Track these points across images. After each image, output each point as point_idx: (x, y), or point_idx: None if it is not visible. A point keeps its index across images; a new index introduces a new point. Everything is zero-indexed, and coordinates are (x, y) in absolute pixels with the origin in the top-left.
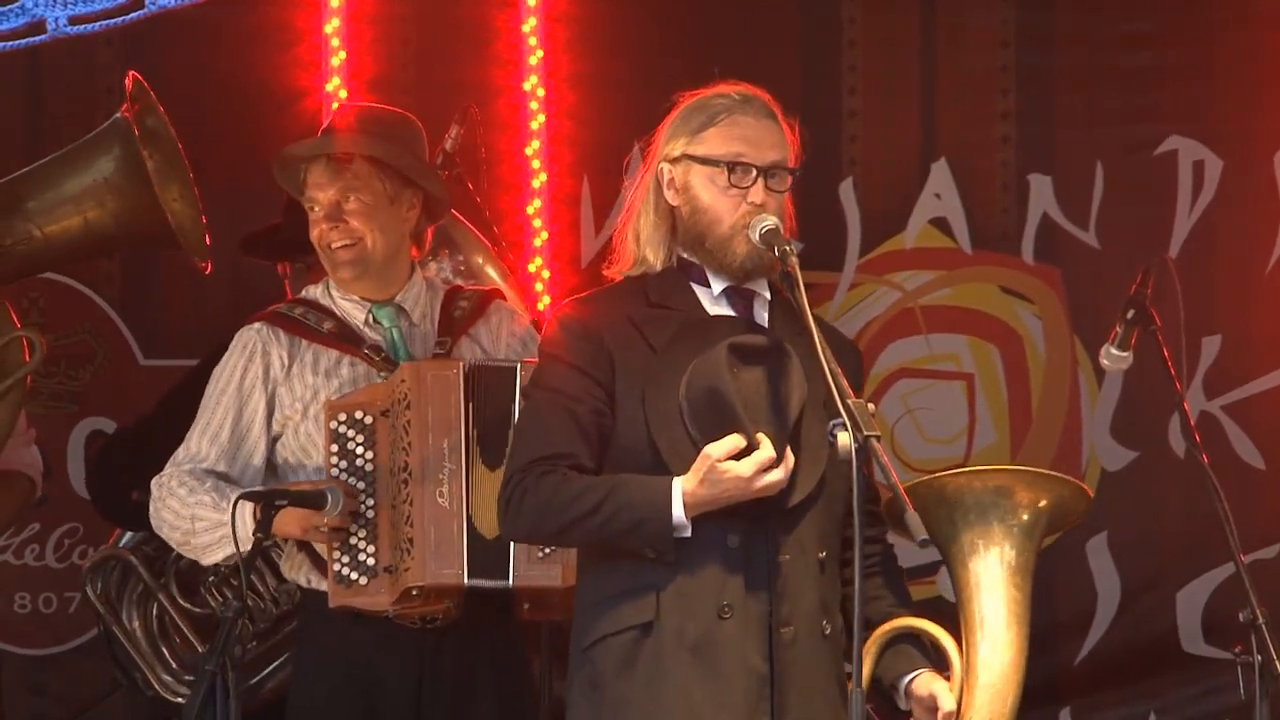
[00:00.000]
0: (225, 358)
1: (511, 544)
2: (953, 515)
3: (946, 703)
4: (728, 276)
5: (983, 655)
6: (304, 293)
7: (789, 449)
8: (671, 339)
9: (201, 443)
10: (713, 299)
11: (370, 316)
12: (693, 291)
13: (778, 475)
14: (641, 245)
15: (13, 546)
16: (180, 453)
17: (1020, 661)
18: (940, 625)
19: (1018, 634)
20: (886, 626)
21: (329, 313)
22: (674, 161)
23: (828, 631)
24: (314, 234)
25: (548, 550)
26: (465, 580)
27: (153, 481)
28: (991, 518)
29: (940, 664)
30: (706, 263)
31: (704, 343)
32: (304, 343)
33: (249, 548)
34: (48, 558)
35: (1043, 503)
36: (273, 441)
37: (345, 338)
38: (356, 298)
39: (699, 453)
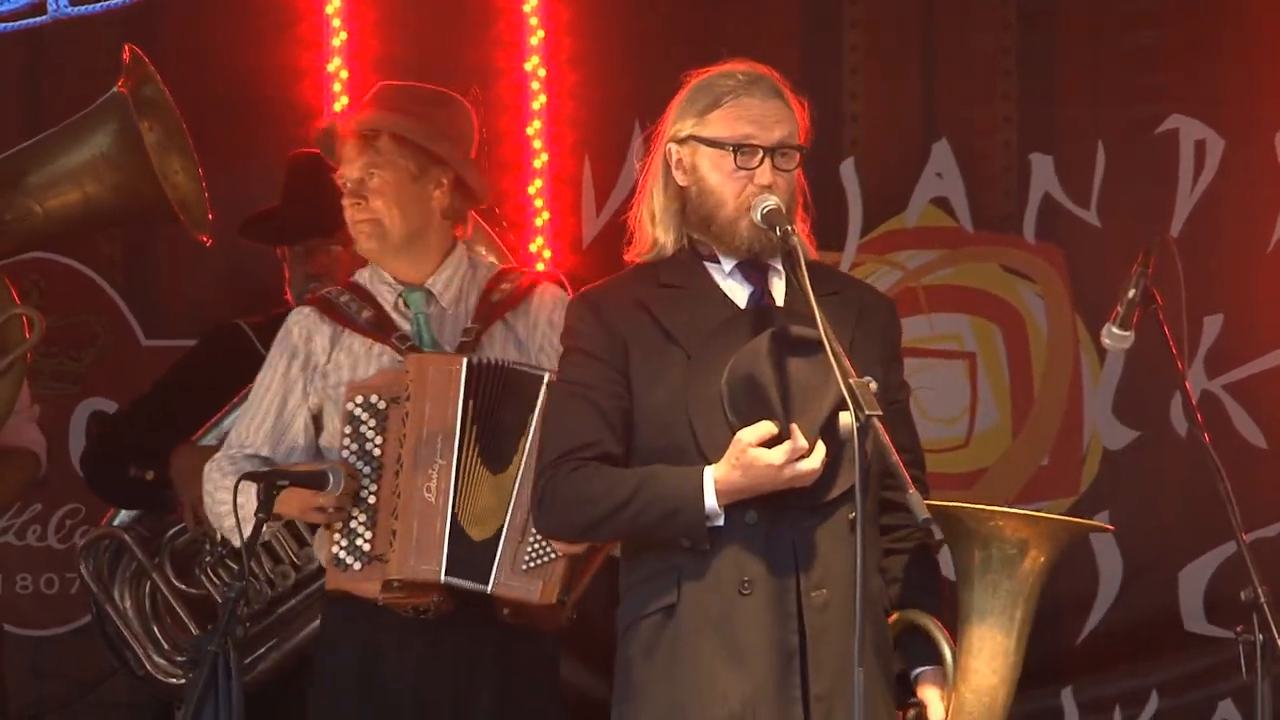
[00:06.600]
0: (278, 339)
1: (499, 550)
2: (970, 544)
3: (934, 713)
4: (736, 256)
5: (975, 666)
6: (356, 276)
7: (821, 442)
8: (721, 326)
9: (249, 428)
10: (725, 275)
11: (400, 301)
12: (706, 270)
13: (808, 466)
14: (655, 226)
15: (14, 527)
16: (231, 437)
17: (1010, 680)
18: (940, 623)
19: (1009, 653)
20: (894, 618)
21: (370, 299)
22: (681, 142)
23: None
24: (345, 212)
25: (533, 564)
26: (441, 577)
27: (205, 465)
28: (1007, 559)
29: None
30: (714, 244)
31: (751, 331)
32: (345, 331)
33: (250, 528)
34: (49, 538)
35: (1060, 548)
36: (316, 426)
37: (379, 326)
38: (390, 279)
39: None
